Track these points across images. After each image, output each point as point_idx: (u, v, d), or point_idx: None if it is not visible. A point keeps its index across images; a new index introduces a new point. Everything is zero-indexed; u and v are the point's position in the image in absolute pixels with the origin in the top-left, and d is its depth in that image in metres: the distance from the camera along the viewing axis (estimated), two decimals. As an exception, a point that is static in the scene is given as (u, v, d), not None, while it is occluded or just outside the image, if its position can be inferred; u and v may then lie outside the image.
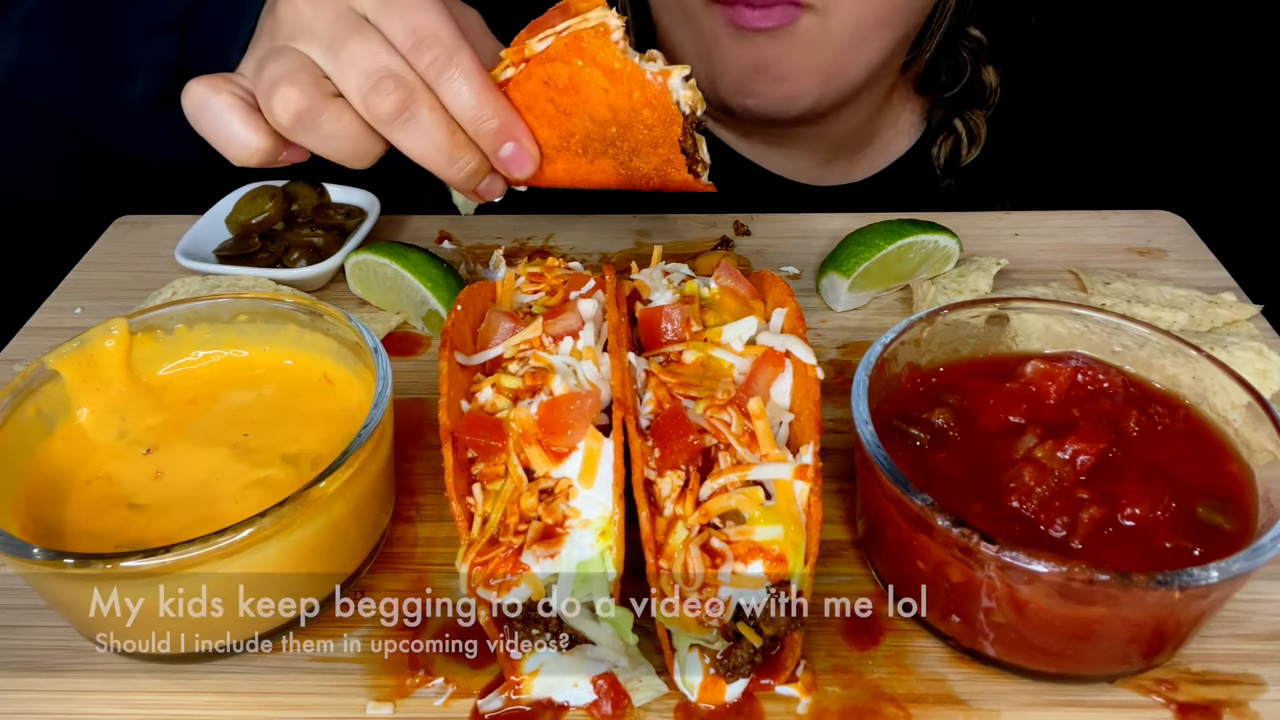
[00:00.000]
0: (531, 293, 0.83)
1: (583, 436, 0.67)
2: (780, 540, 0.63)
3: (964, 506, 0.67)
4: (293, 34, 0.77)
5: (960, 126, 1.30)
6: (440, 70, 0.75)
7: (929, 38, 1.21)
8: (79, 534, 0.69)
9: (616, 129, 0.80)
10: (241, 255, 1.05)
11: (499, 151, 0.80)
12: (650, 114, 0.78)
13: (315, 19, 0.76)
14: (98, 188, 1.19)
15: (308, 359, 0.82)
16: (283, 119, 0.75)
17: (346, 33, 0.75)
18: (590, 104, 0.79)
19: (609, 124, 0.80)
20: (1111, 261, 1.07)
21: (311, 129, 0.76)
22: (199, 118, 0.77)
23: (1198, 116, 1.37)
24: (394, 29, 0.75)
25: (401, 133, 0.76)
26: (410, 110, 0.75)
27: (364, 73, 0.74)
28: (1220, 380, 0.73)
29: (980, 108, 1.29)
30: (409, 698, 0.67)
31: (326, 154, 0.79)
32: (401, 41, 0.75)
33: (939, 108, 1.32)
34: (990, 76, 1.27)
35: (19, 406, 0.73)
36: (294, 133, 0.76)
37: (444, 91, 0.76)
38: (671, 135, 0.79)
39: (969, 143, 1.30)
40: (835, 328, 1.00)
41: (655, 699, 0.66)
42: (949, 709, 0.66)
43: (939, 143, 1.32)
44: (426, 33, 0.75)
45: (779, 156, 1.32)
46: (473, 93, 0.76)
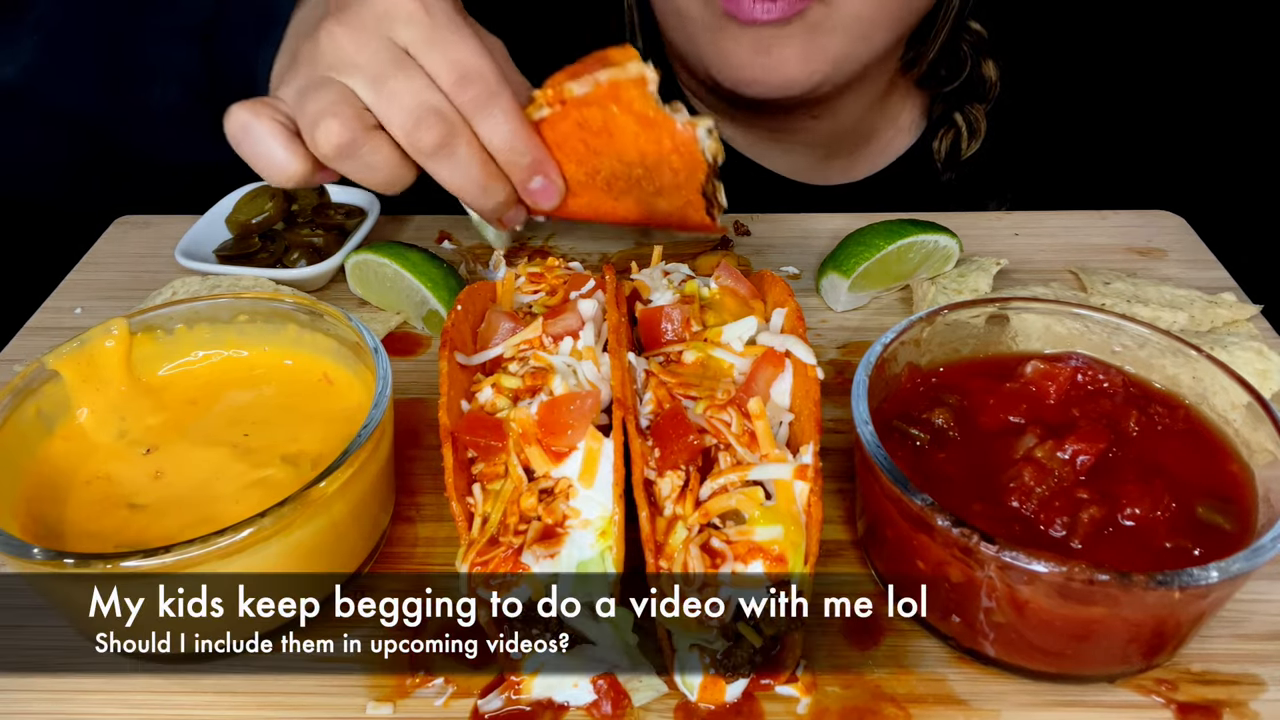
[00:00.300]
0: (531, 293, 0.83)
1: (583, 436, 0.67)
2: (780, 540, 0.63)
3: (964, 506, 0.67)
4: (335, 66, 0.79)
5: (960, 120, 1.30)
6: (480, 106, 0.79)
7: (933, 36, 1.21)
8: (79, 534, 0.69)
9: (643, 171, 0.86)
10: (241, 255, 1.05)
11: (528, 184, 0.84)
12: (677, 160, 0.84)
13: (358, 53, 0.79)
14: (112, 189, 1.20)
15: (308, 359, 0.82)
16: (325, 149, 0.78)
17: (390, 68, 0.78)
18: (621, 146, 0.84)
19: (636, 165, 0.85)
20: (1111, 261, 1.07)
21: (352, 159, 0.79)
22: (241, 140, 0.79)
23: (1198, 116, 1.37)
24: (437, 64, 0.79)
25: (439, 165, 0.80)
26: (450, 145, 0.79)
27: (407, 108, 0.78)
28: (1220, 380, 0.73)
29: (980, 101, 1.29)
30: (409, 698, 0.67)
31: (362, 181, 0.82)
32: (444, 77, 0.79)
33: (939, 102, 1.32)
34: (990, 70, 1.26)
35: (19, 406, 0.73)
36: (334, 161, 0.79)
37: (482, 126, 0.80)
38: (695, 180, 0.85)
39: (969, 136, 1.30)
40: (835, 328, 1.00)
41: (655, 699, 0.66)
42: (949, 709, 0.66)
43: (939, 136, 1.31)
44: (470, 70, 0.79)
45: (778, 153, 1.32)
46: (510, 129, 0.80)
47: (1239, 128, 1.39)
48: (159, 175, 1.15)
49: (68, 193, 1.21)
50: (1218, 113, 1.38)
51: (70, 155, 1.14)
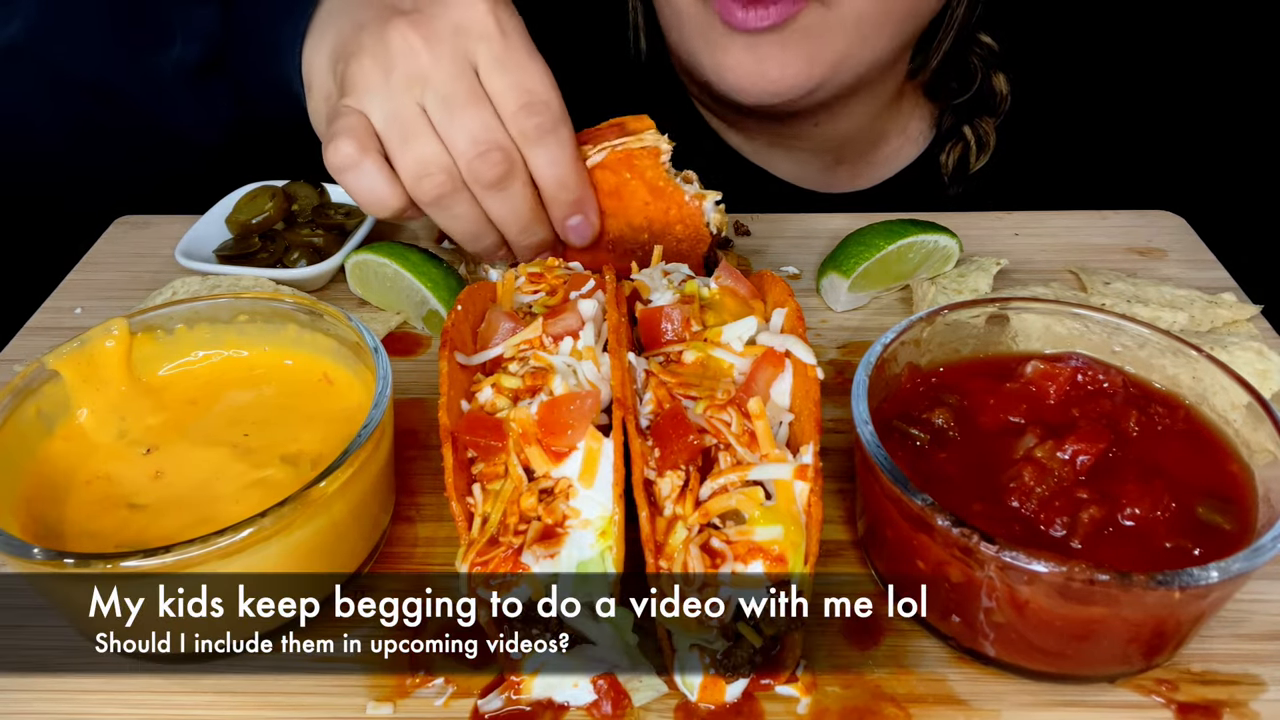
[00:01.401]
0: (531, 293, 0.83)
1: (583, 436, 0.67)
2: (780, 540, 0.63)
3: (964, 506, 0.67)
4: (410, 76, 0.81)
5: (969, 134, 1.29)
6: (542, 135, 0.82)
7: (936, 44, 1.20)
8: (79, 534, 0.69)
9: (649, 236, 0.91)
10: (241, 255, 1.05)
11: (568, 220, 0.87)
12: (683, 229, 0.90)
13: (434, 67, 0.81)
14: (111, 158, 1.19)
15: (308, 359, 0.82)
16: (425, 199, 0.83)
17: (463, 95, 0.81)
18: (630, 211, 0.90)
19: (642, 230, 0.91)
20: (1111, 261, 1.07)
21: (446, 210, 0.84)
22: (346, 172, 0.82)
23: (1198, 116, 1.37)
24: (506, 87, 0.81)
25: (493, 199, 0.83)
26: (508, 181, 0.82)
27: (474, 140, 0.81)
28: (1220, 380, 0.73)
29: (990, 115, 1.28)
30: (409, 698, 0.67)
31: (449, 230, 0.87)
32: (511, 101, 0.81)
33: (949, 114, 1.31)
34: (1001, 84, 1.25)
35: (19, 406, 0.73)
36: (432, 209, 0.84)
37: (539, 156, 0.83)
38: (698, 250, 0.92)
39: (978, 150, 1.29)
40: (835, 328, 1.00)
41: (655, 699, 0.66)
42: (949, 709, 0.66)
43: (947, 150, 1.31)
44: (537, 98, 0.81)
45: (783, 159, 1.32)
46: (566, 162, 0.84)
47: (1239, 128, 1.39)
48: (168, 144, 1.14)
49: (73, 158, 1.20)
50: (1218, 113, 1.38)
51: (72, 118, 1.13)
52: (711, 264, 0.92)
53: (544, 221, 0.87)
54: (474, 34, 0.81)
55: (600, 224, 0.90)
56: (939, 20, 1.17)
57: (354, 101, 0.83)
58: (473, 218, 0.85)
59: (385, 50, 0.82)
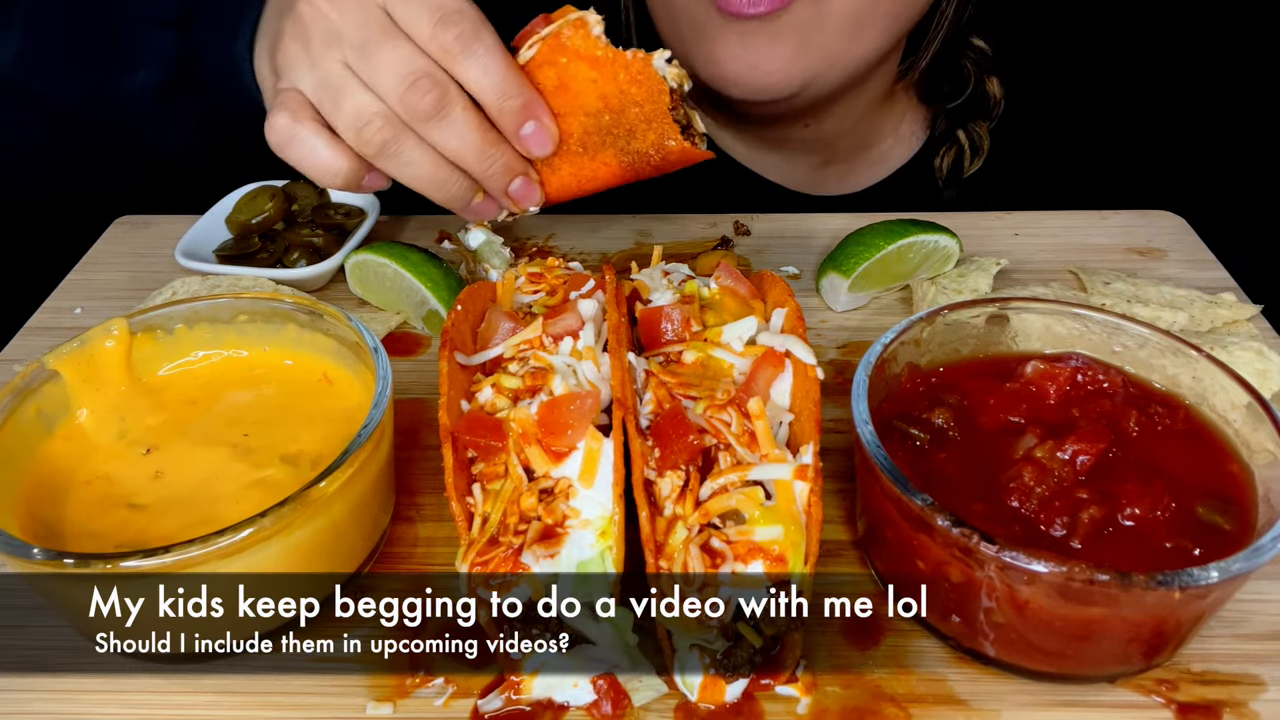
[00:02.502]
0: (531, 293, 0.83)
1: (583, 436, 0.67)
2: (780, 540, 0.63)
3: (964, 506, 0.67)
4: (325, 39, 0.80)
5: (963, 137, 1.28)
6: (466, 45, 0.78)
7: (926, 44, 1.19)
8: (79, 534, 0.69)
9: (610, 116, 0.84)
10: (241, 255, 1.05)
11: (521, 130, 0.83)
12: (638, 91, 0.83)
13: (342, 22, 0.79)
14: (99, 180, 1.19)
15: (308, 359, 0.82)
16: (373, 152, 0.80)
17: (377, 36, 0.78)
18: (581, 98, 0.83)
19: (602, 113, 0.84)
20: (1111, 261, 1.07)
21: (397, 159, 0.81)
22: (287, 146, 0.81)
23: (1198, 116, 1.37)
24: (415, 11, 0.78)
25: (439, 131, 0.80)
26: (445, 107, 0.79)
27: (398, 75, 0.78)
28: (1220, 380, 0.73)
29: (984, 119, 1.27)
30: (409, 698, 0.67)
31: (411, 183, 0.84)
32: (424, 21, 0.78)
33: (942, 118, 1.30)
34: (994, 87, 1.24)
35: (19, 406, 0.73)
36: (383, 163, 0.81)
37: (470, 68, 0.79)
38: (661, 106, 0.83)
39: (971, 154, 1.28)
40: (835, 328, 1.00)
41: (655, 699, 0.66)
42: (949, 709, 0.66)
43: (941, 154, 1.30)
44: (449, 9, 0.78)
45: (774, 160, 1.32)
46: (498, 68, 0.79)
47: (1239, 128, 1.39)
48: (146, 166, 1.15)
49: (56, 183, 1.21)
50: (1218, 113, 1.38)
51: (58, 145, 1.14)
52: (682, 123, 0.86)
53: (500, 143, 0.83)
54: None
55: (556, 127, 0.85)
56: (929, 19, 1.16)
57: (285, 82, 0.83)
58: (428, 161, 0.82)
59: (298, 24, 0.82)
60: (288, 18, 0.83)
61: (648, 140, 0.85)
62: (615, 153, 0.86)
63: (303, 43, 0.82)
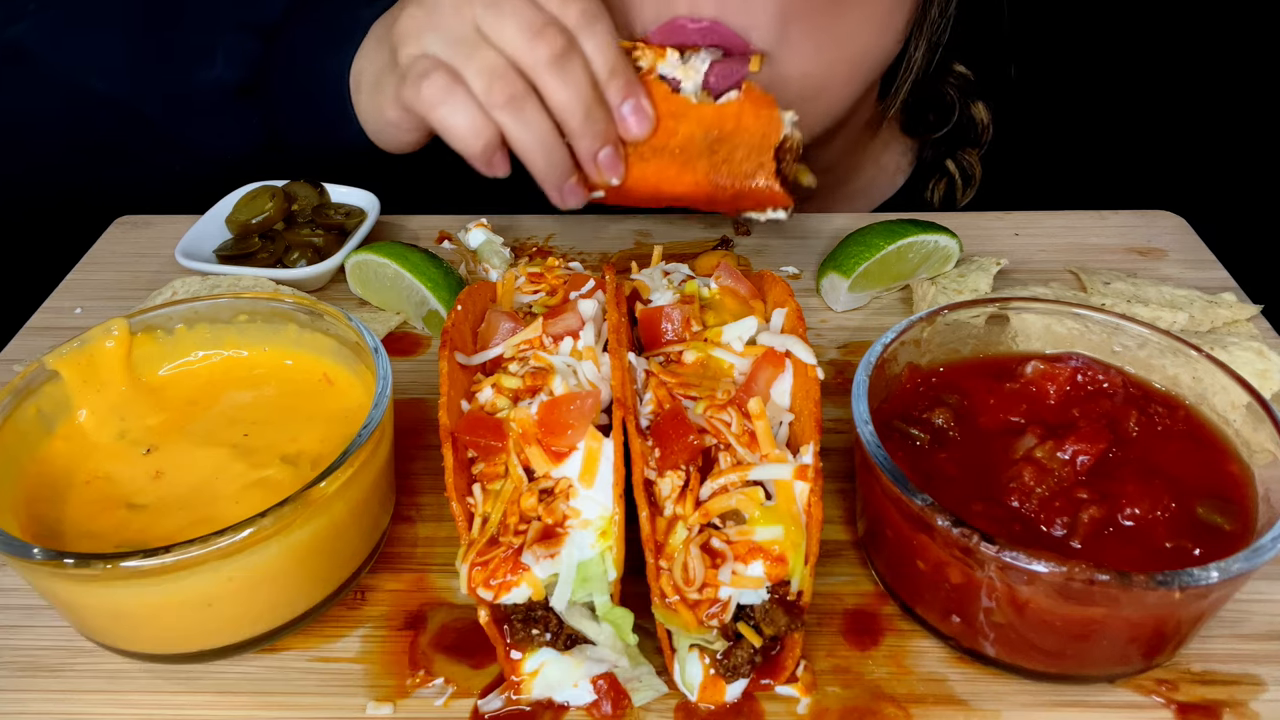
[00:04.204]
0: (531, 293, 0.83)
1: (583, 436, 0.67)
2: (780, 540, 0.63)
3: (964, 506, 0.67)
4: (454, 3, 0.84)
5: (953, 167, 1.24)
6: (590, 22, 0.84)
7: (895, 90, 1.15)
8: (79, 534, 0.69)
9: (719, 133, 0.89)
10: (241, 255, 1.05)
11: (623, 106, 0.87)
12: (756, 124, 0.88)
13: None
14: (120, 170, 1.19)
15: (308, 359, 0.82)
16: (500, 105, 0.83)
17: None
18: (702, 109, 0.89)
19: (713, 128, 0.89)
20: (1111, 261, 1.07)
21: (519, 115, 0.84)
22: (439, 106, 0.84)
23: (1198, 116, 1.37)
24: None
25: (557, 78, 0.83)
26: (568, 56, 0.83)
27: (528, 25, 0.82)
28: (1220, 380, 0.73)
29: (973, 146, 1.23)
30: (409, 698, 0.67)
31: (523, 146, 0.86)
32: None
33: (929, 149, 1.26)
34: (980, 112, 1.21)
35: (19, 406, 0.73)
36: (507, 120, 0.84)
37: (588, 41, 0.84)
38: (769, 143, 0.88)
39: (964, 184, 1.25)
40: (835, 328, 1.00)
41: (655, 699, 0.66)
42: (949, 709, 0.66)
43: (931, 186, 1.26)
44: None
45: None
46: (611, 48, 0.85)
47: (1239, 128, 1.38)
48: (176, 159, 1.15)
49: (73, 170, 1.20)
50: (1217, 113, 1.38)
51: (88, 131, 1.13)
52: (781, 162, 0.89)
53: (604, 106, 0.87)
54: None
55: (654, 112, 0.88)
56: (897, 64, 1.12)
57: (413, 48, 0.86)
58: (543, 125, 0.85)
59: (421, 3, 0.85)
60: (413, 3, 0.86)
61: (742, 170, 0.88)
62: (707, 169, 0.89)
63: (428, 9, 0.85)
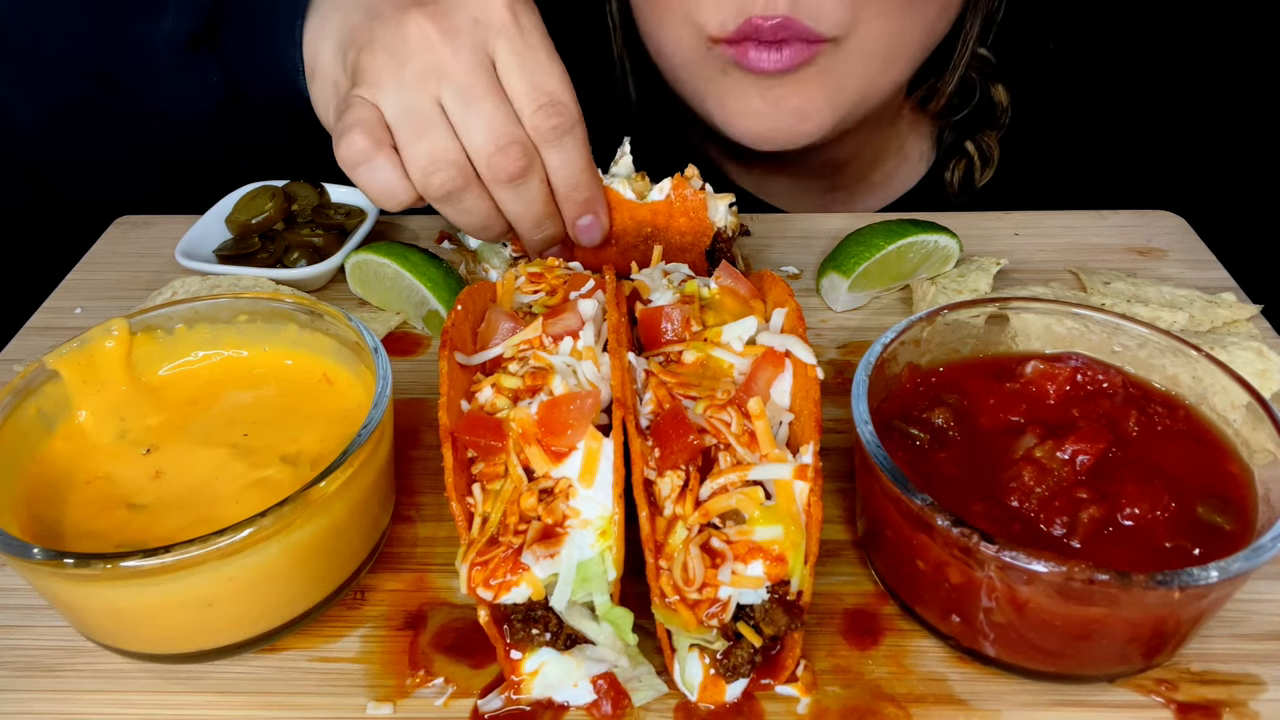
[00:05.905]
0: (531, 293, 0.83)
1: (583, 436, 0.67)
2: (780, 540, 0.63)
3: (964, 506, 0.67)
4: (426, 69, 0.81)
5: (972, 148, 1.27)
6: (559, 136, 0.82)
7: (952, 66, 1.17)
8: (79, 534, 0.69)
9: (652, 229, 0.92)
10: (241, 255, 1.05)
11: (578, 219, 0.88)
12: (687, 224, 0.91)
13: (452, 60, 0.80)
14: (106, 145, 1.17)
15: (308, 359, 0.82)
16: (435, 195, 0.82)
17: (481, 88, 0.80)
18: (636, 207, 0.91)
19: (646, 224, 0.91)
20: (1111, 261, 1.07)
21: (455, 204, 0.84)
22: (359, 167, 0.82)
23: (1198, 116, 1.37)
24: (525, 87, 0.81)
25: (510, 193, 0.84)
26: (526, 178, 0.83)
27: (493, 133, 0.81)
28: (1220, 380, 0.73)
29: (992, 128, 1.26)
30: (409, 698, 0.67)
31: (456, 222, 0.87)
32: (529, 100, 0.81)
33: (949, 130, 1.29)
34: (1000, 95, 1.23)
35: (19, 406, 0.73)
36: (440, 204, 0.84)
37: (554, 155, 0.83)
38: (701, 245, 0.91)
39: (982, 165, 1.27)
40: (835, 328, 1.00)
41: (655, 699, 0.66)
42: (949, 709, 0.66)
43: (951, 166, 1.29)
44: (556, 99, 0.81)
45: (779, 186, 1.30)
46: (578, 163, 0.84)
47: (1239, 128, 1.39)
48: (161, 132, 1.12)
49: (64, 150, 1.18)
50: (1218, 113, 1.38)
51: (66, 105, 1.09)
52: (715, 260, 0.92)
53: (556, 217, 0.87)
54: (493, 29, 0.80)
55: (609, 222, 0.90)
56: (948, 42, 1.14)
57: (366, 93, 0.82)
58: (483, 211, 0.85)
59: (401, 42, 0.81)
60: (385, 24, 0.83)
61: (677, 257, 0.92)
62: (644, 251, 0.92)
63: (399, 62, 0.81)
